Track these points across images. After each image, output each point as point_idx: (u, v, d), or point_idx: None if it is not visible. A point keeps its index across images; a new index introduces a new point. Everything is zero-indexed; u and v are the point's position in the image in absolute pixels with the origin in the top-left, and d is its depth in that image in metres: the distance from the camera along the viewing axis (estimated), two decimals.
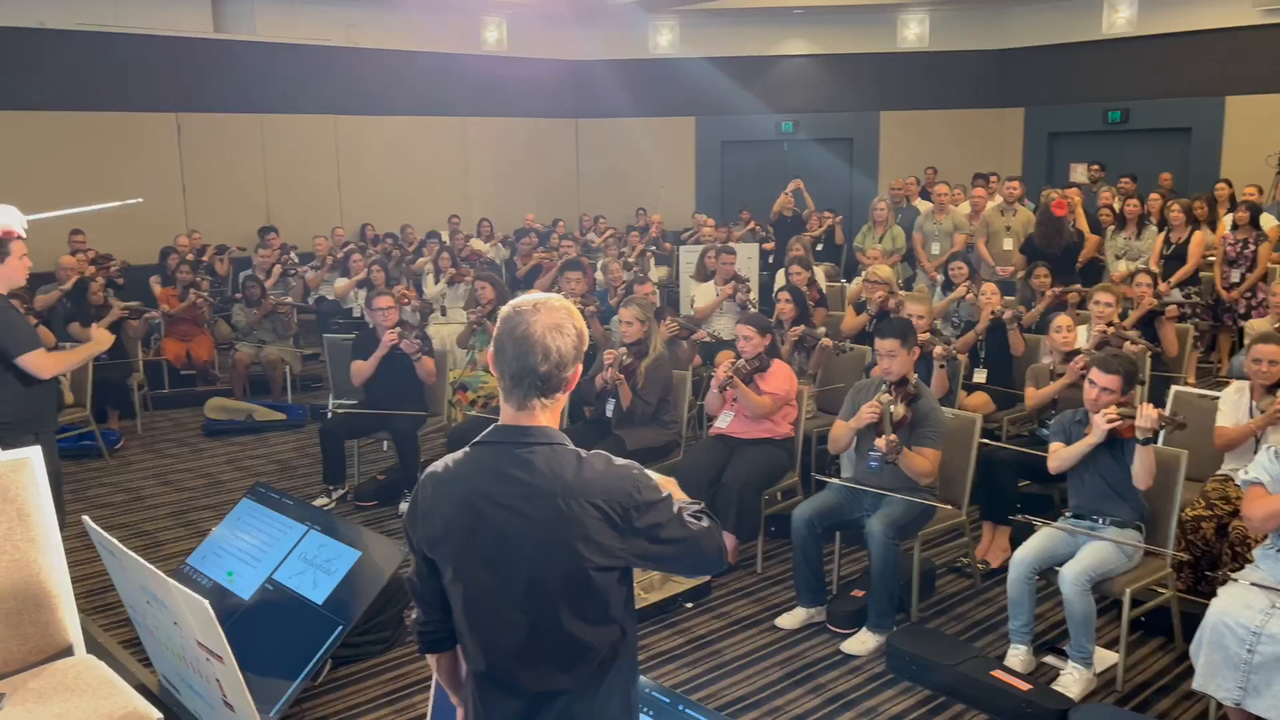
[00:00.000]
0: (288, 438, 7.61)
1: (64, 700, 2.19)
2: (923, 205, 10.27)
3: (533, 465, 1.89)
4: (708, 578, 4.80)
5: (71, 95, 10.50)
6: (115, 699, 2.19)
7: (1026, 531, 4.84)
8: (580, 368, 1.99)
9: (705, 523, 1.99)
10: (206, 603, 2.34)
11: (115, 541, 2.65)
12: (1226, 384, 5.25)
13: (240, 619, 4.13)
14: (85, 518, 2.84)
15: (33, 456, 2.38)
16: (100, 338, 4.61)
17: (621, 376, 5.32)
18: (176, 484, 6.60)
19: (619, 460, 1.97)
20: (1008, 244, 8.71)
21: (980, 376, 6.08)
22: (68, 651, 2.40)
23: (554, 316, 1.92)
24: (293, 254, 10.25)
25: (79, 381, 6.83)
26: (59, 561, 2.41)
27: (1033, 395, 5.23)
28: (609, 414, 5.47)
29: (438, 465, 2.00)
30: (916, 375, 4.54)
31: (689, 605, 4.65)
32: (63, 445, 5.69)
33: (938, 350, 5.36)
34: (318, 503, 5.88)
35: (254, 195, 12.25)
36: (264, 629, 3.99)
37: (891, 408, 4.27)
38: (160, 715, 2.17)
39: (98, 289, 7.84)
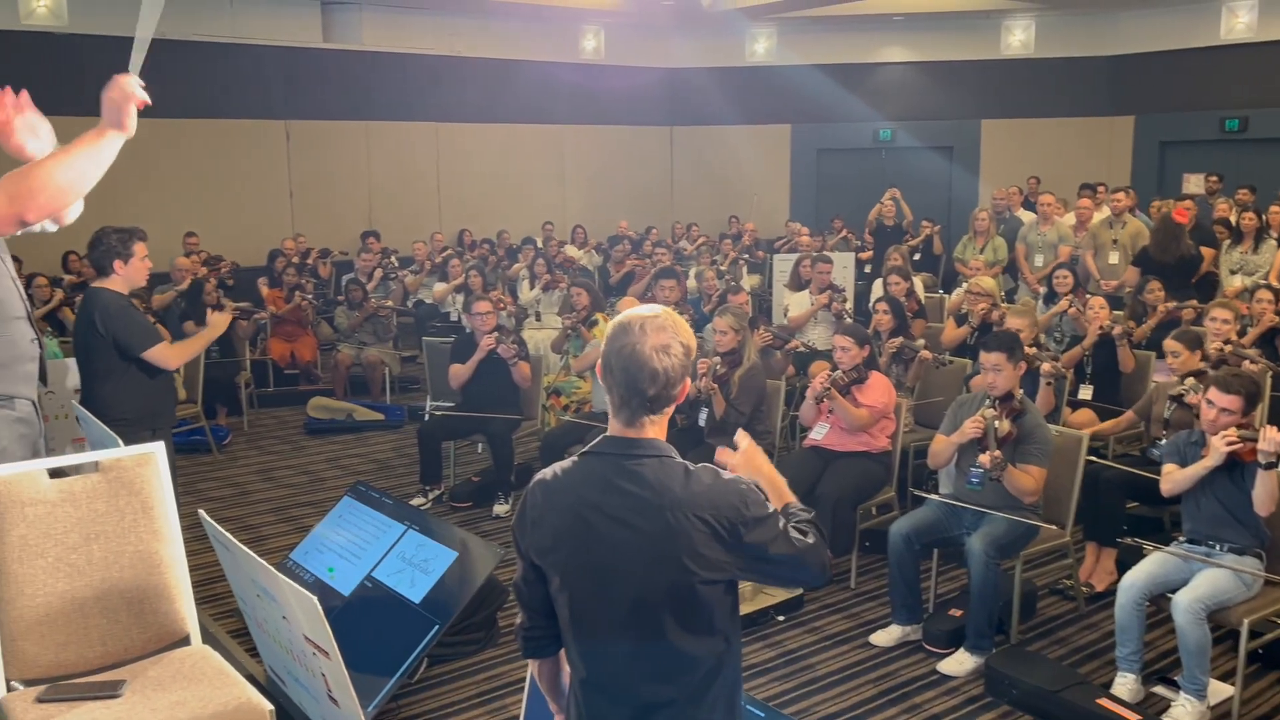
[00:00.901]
0: (386, 438, 7.79)
1: (181, 689, 2.27)
2: (1026, 216, 10.01)
3: (642, 478, 1.90)
4: (800, 591, 4.75)
5: (187, 103, 10.94)
6: (230, 689, 2.26)
7: (1133, 555, 4.66)
8: (689, 381, 2.00)
9: (811, 538, 1.98)
10: (315, 599, 2.40)
11: (229, 536, 2.74)
12: None
13: (340, 615, 4.23)
14: (201, 511, 2.94)
15: (157, 452, 2.48)
16: (217, 321, 4.76)
17: (715, 386, 5.30)
18: (280, 480, 6.80)
19: (727, 474, 1.97)
20: (1114, 257, 8.42)
21: (1086, 393, 5.89)
22: (185, 641, 2.49)
23: (661, 337, 1.91)
24: (393, 258, 10.49)
25: (191, 379, 7.10)
26: (179, 554, 2.51)
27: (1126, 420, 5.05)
28: (701, 423, 5.46)
29: (546, 473, 2.02)
30: (1022, 390, 4.42)
31: (780, 618, 4.60)
32: (175, 440, 5.93)
33: (1045, 367, 5.20)
34: (414, 502, 6.00)
35: (357, 200, 12.60)
36: (363, 625, 4.08)
37: (996, 423, 4.17)
38: (272, 707, 2.23)
39: (211, 289, 8.15)
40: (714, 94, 14.61)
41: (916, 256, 10.02)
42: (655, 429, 1.97)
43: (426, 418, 6.98)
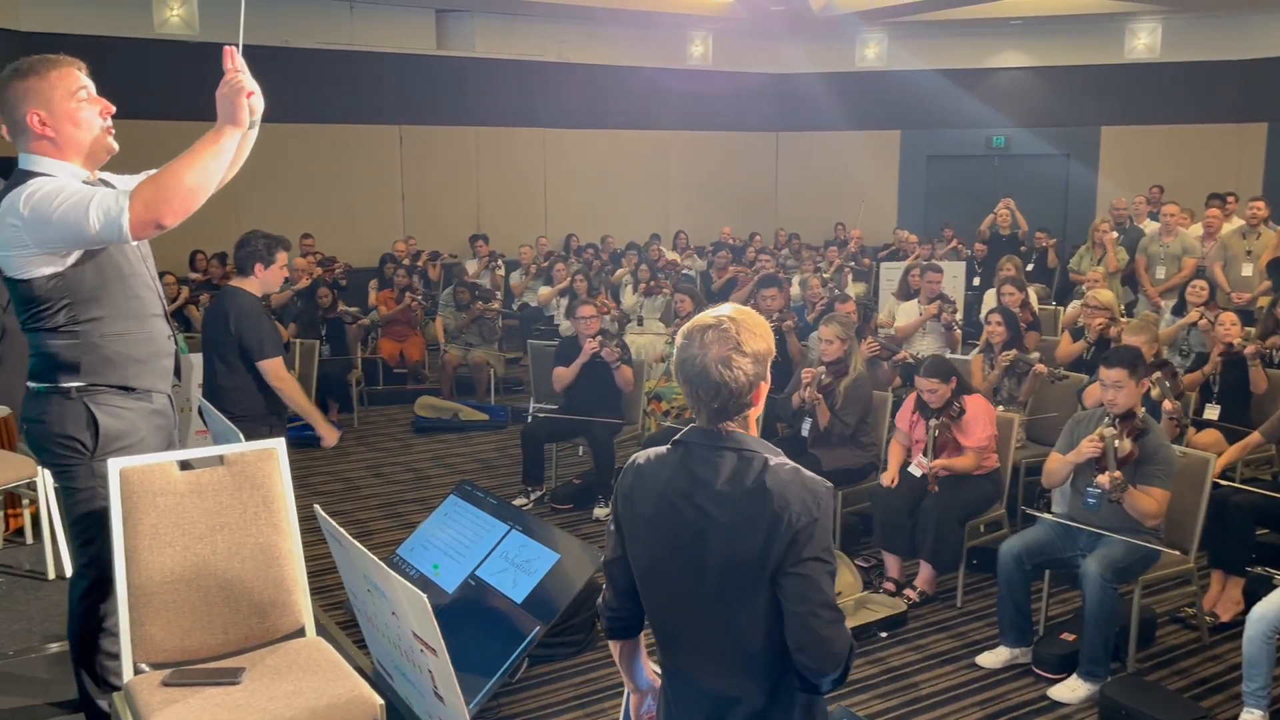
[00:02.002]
0: (490, 438, 7.92)
1: (297, 679, 2.34)
2: (1149, 226, 9.62)
3: (721, 468, 1.92)
4: (904, 607, 4.65)
5: (307, 108, 11.34)
6: (343, 682, 2.32)
7: (1262, 584, 4.43)
8: (766, 382, 1.97)
9: (846, 635, 1.92)
10: (425, 598, 2.45)
11: (343, 531, 2.82)
12: None
13: (444, 612, 4.31)
14: (317, 507, 3.03)
15: (278, 448, 2.57)
16: (326, 435, 4.70)
17: (820, 396, 5.23)
18: (387, 477, 6.98)
19: (808, 473, 1.95)
20: (1247, 269, 8.03)
21: (1211, 413, 5.62)
22: (300, 633, 2.56)
23: (723, 349, 1.90)
24: (500, 261, 10.67)
25: (305, 376, 7.33)
26: (297, 548, 2.59)
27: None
28: (804, 433, 5.39)
29: (639, 456, 2.06)
30: (1144, 409, 4.24)
31: (884, 634, 4.51)
32: (288, 434, 6.13)
33: (1167, 405, 4.94)
34: (516, 503, 6.07)
35: (466, 204, 12.87)
36: (465, 623, 4.14)
37: (1116, 442, 4.00)
38: (382, 701, 2.28)
39: (325, 293, 8.40)
40: (822, 99, 14.47)
41: (1029, 267, 9.73)
42: (738, 425, 1.97)
43: (530, 419, 7.08)
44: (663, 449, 2.03)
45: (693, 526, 1.92)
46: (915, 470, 4.88)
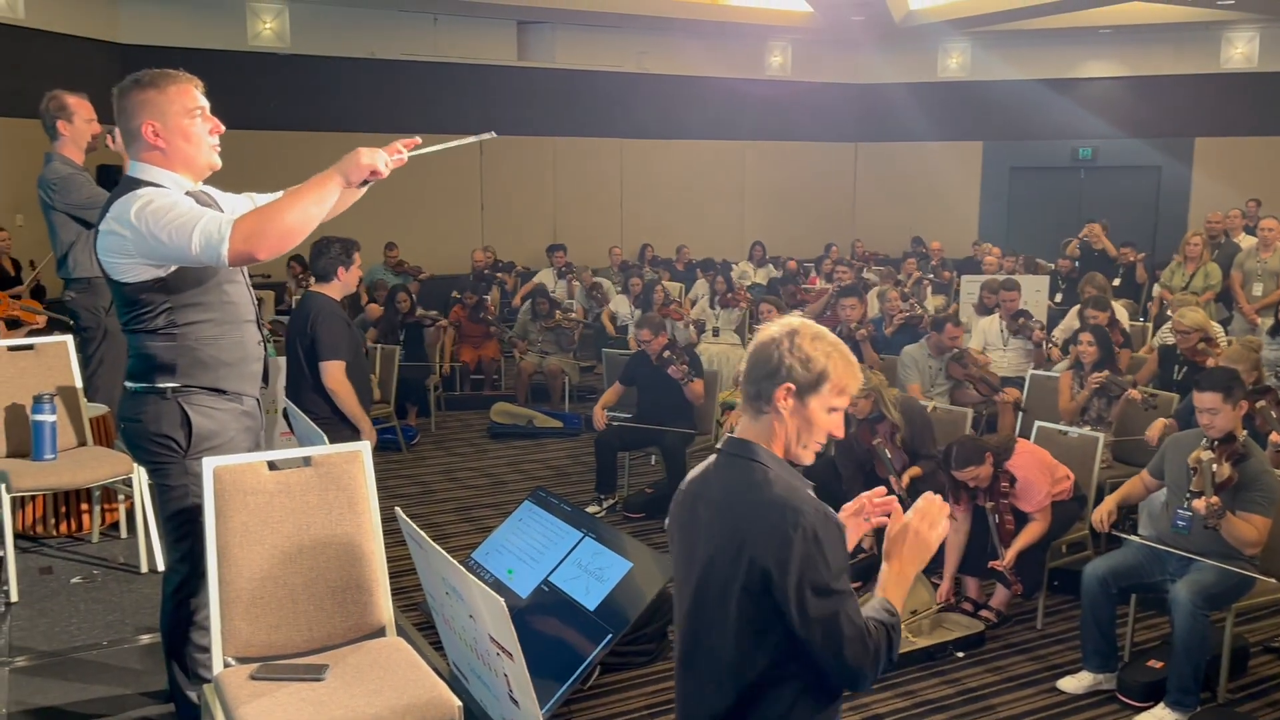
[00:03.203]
0: (563, 445, 7.98)
1: (378, 678, 2.39)
2: (1245, 240, 9.29)
3: (729, 474, 1.98)
4: (982, 627, 4.56)
5: (393, 119, 11.56)
6: (423, 682, 2.36)
7: None
8: (789, 388, 1.92)
9: (874, 636, 1.87)
10: (503, 601, 2.47)
11: (423, 534, 2.87)
12: None
13: (518, 616, 4.35)
14: (398, 509, 3.09)
15: (363, 450, 2.62)
16: (367, 431, 4.74)
17: (890, 454, 5.04)
18: (463, 481, 7.07)
19: (808, 494, 1.93)
20: None
21: None
22: (380, 632, 2.61)
23: (775, 330, 1.97)
24: (576, 272, 10.74)
25: (385, 381, 7.49)
26: (379, 549, 2.64)
27: None
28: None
29: (694, 470, 2.12)
30: (1246, 432, 4.09)
31: (960, 655, 4.43)
32: None
33: (1275, 437, 4.72)
34: (589, 510, 6.10)
35: (543, 214, 13.00)
36: (539, 628, 4.18)
37: (1214, 467, 3.86)
38: (460, 704, 2.31)
39: (404, 298, 8.56)
40: (902, 109, 14.29)
41: (1116, 282, 9.46)
42: (763, 434, 1.96)
43: (603, 427, 7.11)
44: (710, 458, 2.09)
45: (699, 527, 1.99)
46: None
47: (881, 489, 2.19)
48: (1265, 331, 7.17)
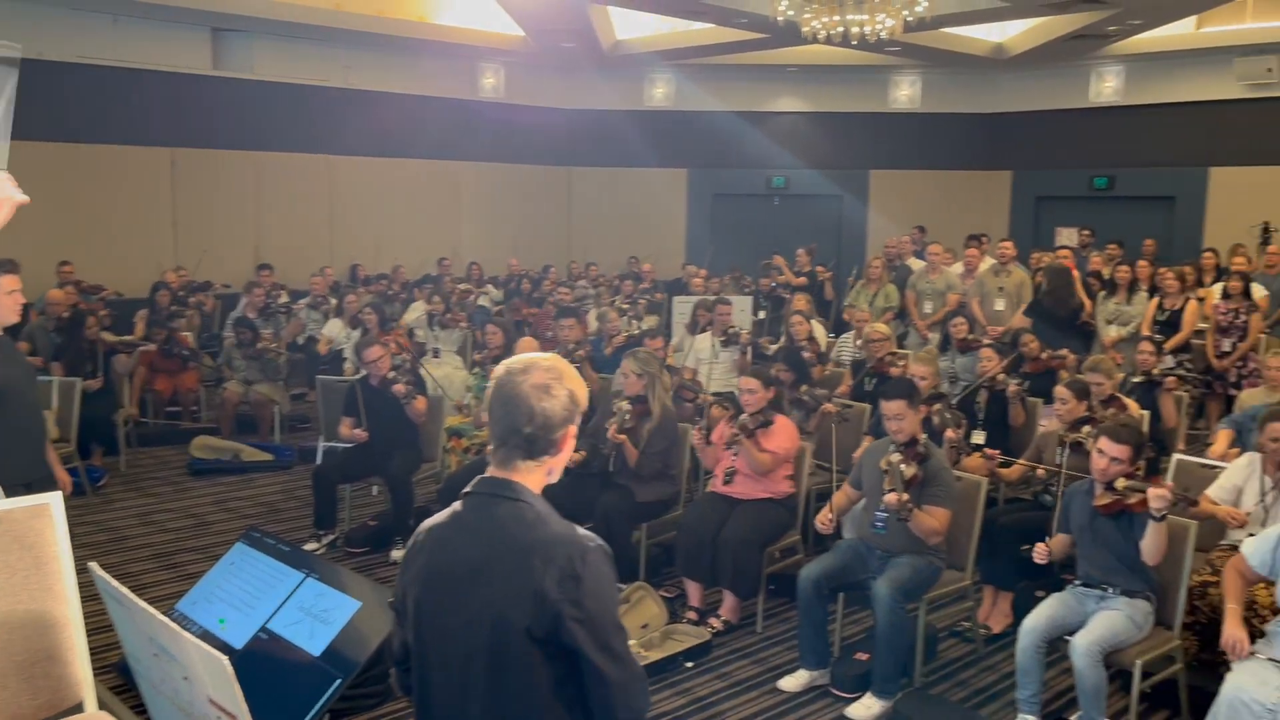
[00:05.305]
0: (275, 479, 7.51)
1: None
2: (915, 263, 10.36)
3: (493, 518, 1.92)
4: (709, 636, 4.74)
5: (64, 127, 10.45)
6: None
7: (1028, 597, 4.82)
8: (573, 430, 1.98)
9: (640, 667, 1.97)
10: (225, 659, 2.27)
11: (125, 590, 2.57)
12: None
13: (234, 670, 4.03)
14: (94, 565, 2.76)
15: (54, 503, 2.31)
16: (64, 484, 4.24)
17: (623, 437, 5.24)
18: (161, 524, 6.47)
19: (581, 530, 1.95)
20: (1000, 304, 8.78)
21: (979, 438, 6.07)
22: (78, 708, 2.31)
23: (542, 377, 1.93)
24: (284, 293, 10.16)
25: (64, 418, 6.70)
26: (75, 614, 2.33)
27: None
28: (612, 467, 5.41)
29: (436, 516, 2.05)
30: (925, 434, 4.54)
31: (689, 665, 4.58)
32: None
33: (950, 434, 5.31)
34: (307, 547, 5.77)
35: (245, 233, 12.20)
36: (257, 680, 3.88)
37: (902, 467, 4.26)
38: None
39: (93, 324, 7.68)
40: (614, 135, 14.75)
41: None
42: (532, 477, 1.97)
43: (319, 459, 6.76)
44: (456, 504, 2.02)
45: (454, 574, 1.92)
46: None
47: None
48: (936, 345, 8.00)
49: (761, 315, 10.21)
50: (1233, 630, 3.41)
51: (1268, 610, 3.70)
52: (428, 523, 2.05)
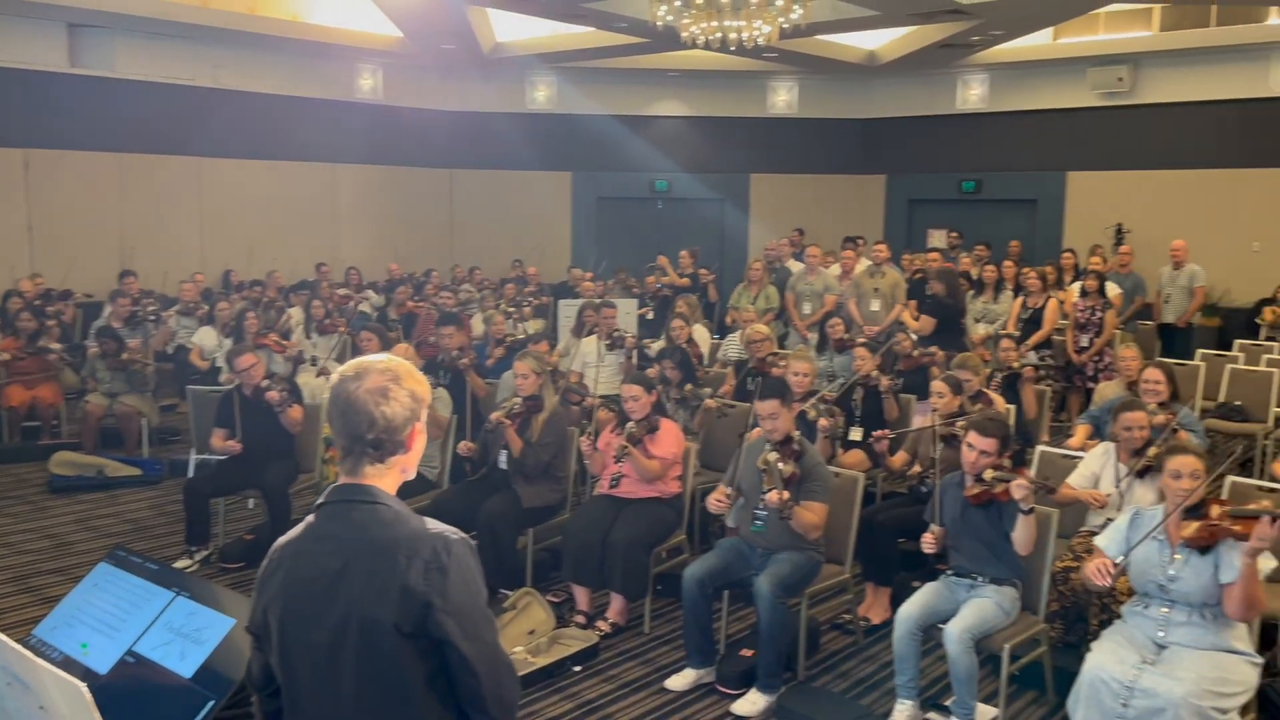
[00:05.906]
0: (143, 495, 7.18)
1: None
2: (795, 265, 10.58)
3: (349, 521, 1.91)
4: (596, 639, 4.74)
5: None
6: None
7: (906, 589, 4.97)
8: (419, 426, 1.98)
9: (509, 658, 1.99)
10: (83, 686, 2.16)
11: None
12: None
13: (98, 697, 3.84)
14: None
15: None
16: None
17: (508, 421, 5.23)
18: (17, 546, 6.12)
19: (438, 525, 1.96)
20: (875, 304, 9.04)
21: (856, 434, 6.23)
22: None
23: (377, 381, 1.92)
24: (153, 301, 9.73)
25: None
26: None
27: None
28: (502, 464, 5.37)
29: (290, 533, 2.02)
30: (799, 432, 4.63)
31: (577, 669, 4.57)
32: None
33: (823, 423, 5.46)
34: (179, 565, 5.56)
35: (108, 238, 11.63)
36: (124, 707, 3.72)
37: (780, 465, 4.33)
38: None
39: None
40: (497, 138, 14.62)
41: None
42: (381, 478, 1.96)
43: (190, 472, 6.50)
44: (310, 517, 2.00)
45: (316, 583, 1.90)
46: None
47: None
48: (814, 346, 8.18)
49: (649, 314, 10.29)
50: (1089, 561, 3.63)
51: (1124, 594, 3.90)
52: (281, 540, 2.01)
